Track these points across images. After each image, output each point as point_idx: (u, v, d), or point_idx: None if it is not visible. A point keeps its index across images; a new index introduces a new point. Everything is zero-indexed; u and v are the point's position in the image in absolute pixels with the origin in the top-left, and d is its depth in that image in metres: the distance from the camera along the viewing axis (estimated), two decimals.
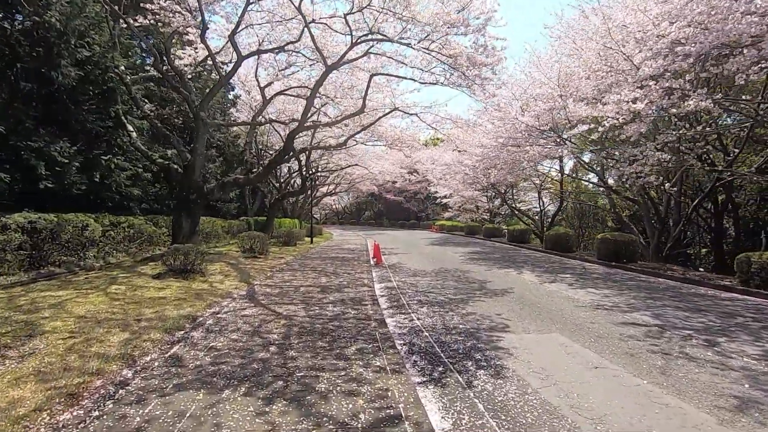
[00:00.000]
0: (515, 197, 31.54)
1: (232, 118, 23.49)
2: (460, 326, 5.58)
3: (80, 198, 11.58)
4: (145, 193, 15.46)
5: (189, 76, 11.97)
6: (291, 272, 9.94)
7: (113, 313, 5.20)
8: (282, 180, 31.95)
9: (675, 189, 13.06)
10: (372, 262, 13.06)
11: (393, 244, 21.75)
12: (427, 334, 5.17)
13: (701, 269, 17.88)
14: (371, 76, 10.19)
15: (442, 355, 4.40)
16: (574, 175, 24.91)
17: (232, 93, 25.21)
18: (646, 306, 6.98)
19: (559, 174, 25.58)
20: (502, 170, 18.13)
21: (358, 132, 12.36)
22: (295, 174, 28.10)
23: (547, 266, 12.66)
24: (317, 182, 38.51)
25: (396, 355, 4.21)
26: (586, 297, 7.74)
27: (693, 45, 7.17)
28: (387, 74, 10.17)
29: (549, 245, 17.49)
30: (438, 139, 48.86)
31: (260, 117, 13.11)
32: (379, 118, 12.12)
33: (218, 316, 5.56)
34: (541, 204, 28.40)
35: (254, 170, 12.29)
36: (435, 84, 10.63)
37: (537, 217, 30.76)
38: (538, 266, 12.61)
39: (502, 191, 28.20)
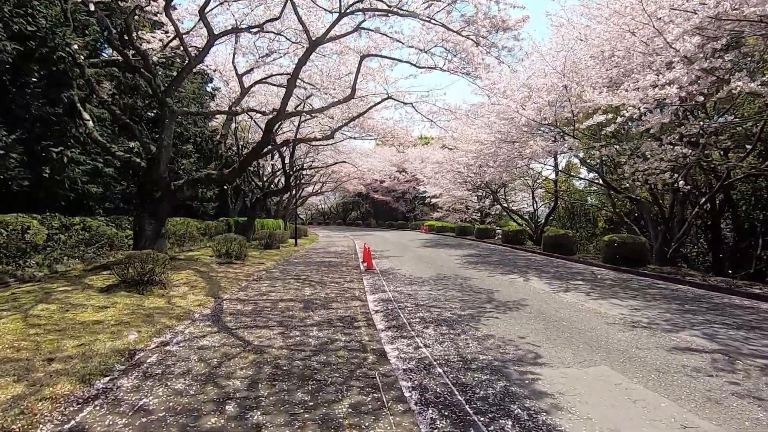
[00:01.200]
0: (507, 197, 30.69)
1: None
2: (481, 357, 4.41)
3: (23, 196, 10.02)
4: (109, 191, 13.89)
5: (155, 59, 10.51)
6: (270, 282, 8.62)
7: (19, 348, 3.85)
8: (266, 179, 30.44)
9: (688, 187, 12.18)
10: (362, 267, 11.83)
11: (383, 246, 20.53)
12: (441, 371, 3.97)
13: (719, 276, 17.11)
14: (362, 57, 8.97)
15: (467, 408, 3.21)
16: (570, 174, 24.11)
17: (210, 85, 23.61)
18: (689, 323, 5.93)
19: (553, 172, 24.88)
20: (498, 168, 17.12)
21: (347, 123, 11.11)
22: (279, 172, 26.63)
23: (552, 271, 11.64)
24: (302, 181, 37.05)
25: (406, 414, 2.99)
26: (612, 311, 6.67)
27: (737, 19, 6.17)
28: (380, 56, 8.99)
29: (548, 247, 16.56)
30: (428, 138, 47.94)
31: (237, 107, 11.73)
32: (371, 107, 10.90)
33: (167, 349, 4.24)
34: (534, 204, 27.60)
35: (232, 166, 10.94)
36: (434, 69, 9.48)
37: (530, 218, 30.04)
38: (544, 271, 11.58)
39: (494, 190, 27.27)
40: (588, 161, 18.01)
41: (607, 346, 4.84)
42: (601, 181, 15.87)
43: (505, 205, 27.74)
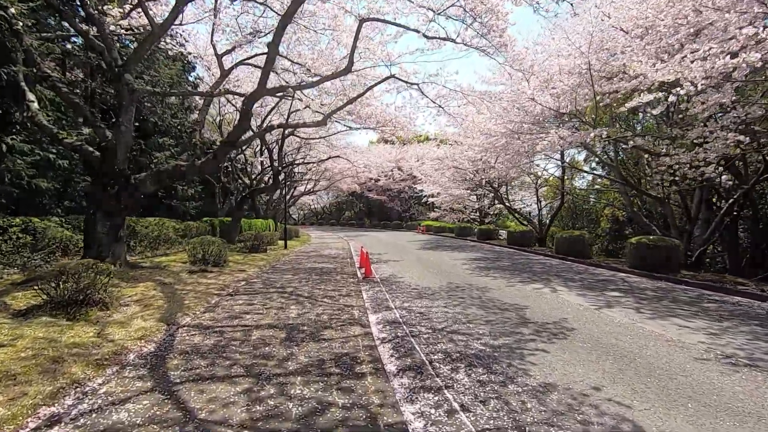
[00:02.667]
0: (508, 196, 29.24)
1: (194, 104, 20.20)
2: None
3: None
4: (70, 187, 12.14)
5: (113, 28, 8.81)
6: (248, 297, 6.99)
7: None
8: (255, 177, 28.67)
9: (730, 182, 10.78)
10: (359, 275, 10.25)
11: (380, 248, 18.95)
12: None
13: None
14: (361, 21, 7.39)
15: None
16: (583, 170, 22.72)
17: (193, 74, 21.83)
18: None
19: (558, 169, 23.52)
20: (506, 163, 15.64)
21: (343, 106, 9.53)
22: (269, 169, 24.93)
23: (577, 279, 10.16)
24: (294, 178, 35.28)
25: None
26: (686, 337, 5.18)
27: None
28: (382, 20, 7.43)
29: (561, 249, 15.13)
30: (426, 135, 46.49)
31: (217, 91, 10.07)
32: (371, 87, 9.31)
33: None
34: (538, 203, 26.21)
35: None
36: (445, 41, 7.93)
37: (534, 218, 28.67)
38: (567, 278, 10.10)
39: (498, 189, 25.80)
40: (604, 155, 16.62)
41: (727, 404, 3.32)
42: (610, 177, 14.43)
43: (508, 204, 26.29)
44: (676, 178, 12.12)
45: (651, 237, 11.43)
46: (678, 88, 6.90)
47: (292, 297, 7.04)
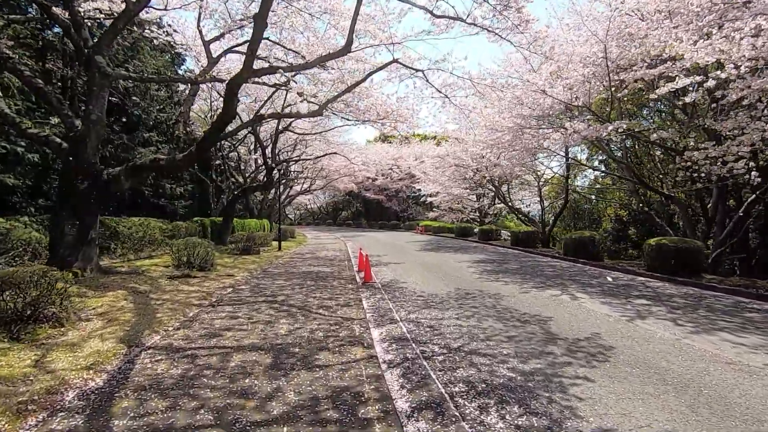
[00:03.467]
0: (510, 195, 28.45)
1: (183, 97, 19.24)
2: None
3: None
4: (45, 184, 11.21)
5: (83, 8, 7.90)
6: (232, 308, 6.12)
7: None
8: (248, 175, 27.74)
9: (760, 179, 10.03)
10: (358, 279, 9.40)
11: (379, 250, 18.11)
12: None
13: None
14: None
15: None
16: (594, 168, 21.99)
17: (183, 67, 20.91)
18: None
19: (562, 167, 22.76)
20: (511, 160, 14.84)
21: (342, 94, 8.64)
22: (264, 167, 24.00)
23: (595, 283, 9.38)
24: (290, 176, 34.34)
25: None
26: (748, 358, 4.38)
27: None
28: None
29: (570, 251, 14.36)
30: (424, 135, 45.73)
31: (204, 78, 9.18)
32: (371, 73, 8.43)
33: None
34: (541, 202, 25.42)
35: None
36: (454, 20, 7.10)
37: (537, 218, 27.91)
38: (583, 283, 9.31)
39: (501, 187, 25.01)
40: (615, 152, 15.87)
41: None
42: (620, 175, 13.67)
43: (510, 204, 25.51)
44: (695, 175, 11.40)
45: (672, 238, 10.66)
46: (718, 71, 6.11)
47: (283, 308, 6.18)
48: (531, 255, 16.14)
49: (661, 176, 15.40)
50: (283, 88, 9.57)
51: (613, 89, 10.66)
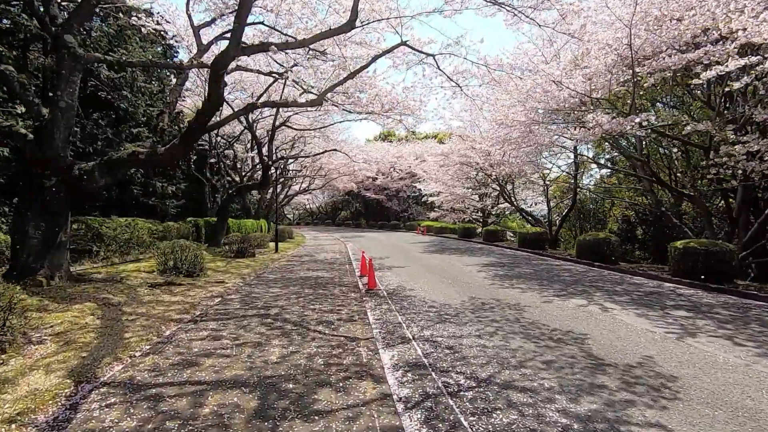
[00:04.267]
0: (515, 195, 27.60)
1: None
2: None
3: None
4: (17, 181, 10.32)
5: None
6: (217, 325, 5.26)
7: None
8: (245, 174, 26.86)
9: None
10: (360, 285, 8.55)
11: (380, 251, 17.27)
12: None
13: None
14: None
15: None
16: (612, 167, 21.18)
17: (176, 59, 20.00)
18: None
19: (568, 166, 21.94)
20: (522, 157, 14.01)
21: (343, 81, 7.75)
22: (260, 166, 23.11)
23: (620, 291, 8.55)
24: (288, 174, 33.45)
25: None
26: None
27: None
28: None
29: (584, 253, 13.54)
30: (424, 134, 44.90)
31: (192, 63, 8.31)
32: (376, 57, 7.54)
33: None
34: (548, 202, 24.60)
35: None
36: None
37: (540, 218, 27.08)
38: (610, 291, 8.48)
39: (504, 186, 24.17)
40: (631, 149, 15.03)
41: None
42: (635, 173, 12.85)
43: (515, 204, 24.67)
44: (724, 173, 10.59)
45: (700, 240, 9.83)
46: None
47: (277, 324, 5.31)
48: (541, 257, 15.31)
49: (678, 174, 14.58)
50: (279, 77, 8.69)
51: (636, 79, 9.83)
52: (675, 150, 14.43)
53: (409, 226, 40.61)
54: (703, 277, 9.19)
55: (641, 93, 12.48)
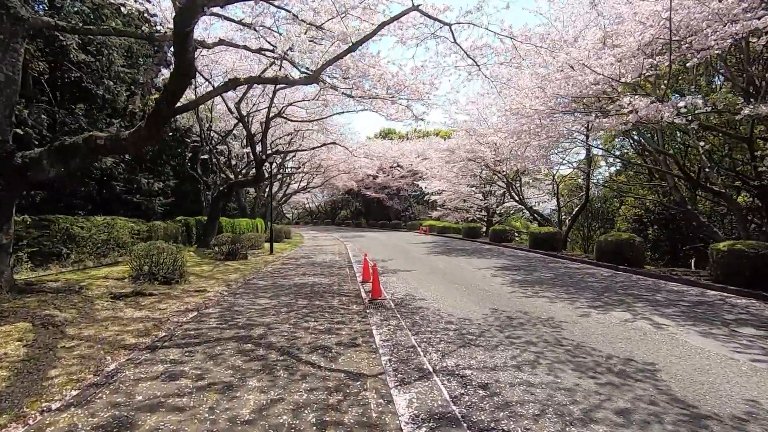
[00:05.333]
0: (522, 193, 26.44)
1: (161, 78, 17.18)
2: None
3: None
4: None
5: None
6: (180, 354, 4.10)
7: None
8: (240, 170, 25.68)
9: None
10: (363, 294, 7.40)
11: (382, 252, 16.12)
12: None
13: None
14: None
15: None
16: (631, 162, 20.08)
17: (170, 52, 18.80)
18: None
19: (581, 160, 20.80)
20: (539, 150, 12.85)
21: (344, 54, 6.52)
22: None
23: (663, 301, 7.41)
24: (286, 170, 32.25)
25: None
26: None
27: None
28: None
29: (605, 256, 12.40)
30: (423, 132, 43.75)
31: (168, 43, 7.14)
32: (384, 24, 6.34)
33: None
34: (558, 200, 23.45)
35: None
36: None
37: (549, 216, 25.97)
38: (651, 301, 7.34)
39: (512, 184, 23.00)
40: (653, 142, 13.88)
41: None
42: (655, 168, 11.70)
43: (523, 202, 23.52)
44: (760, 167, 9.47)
45: (750, 242, 8.67)
46: None
47: (258, 352, 4.15)
48: (557, 260, 14.17)
49: (706, 169, 13.44)
50: (271, 53, 7.51)
51: (675, 59, 8.69)
52: (702, 144, 13.27)
53: (410, 225, 39.47)
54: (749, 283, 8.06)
55: (668, 80, 11.36)
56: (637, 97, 7.84)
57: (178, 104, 5.65)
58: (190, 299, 6.58)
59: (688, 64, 8.06)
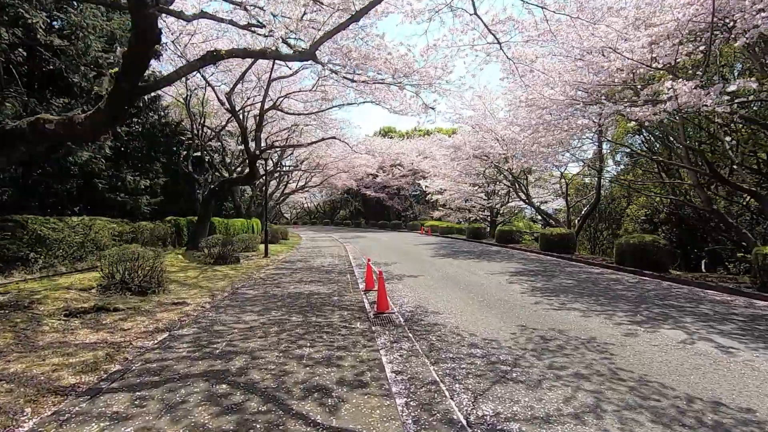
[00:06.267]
0: (529, 192, 25.42)
1: (156, 71, 16.11)
2: None
3: None
4: None
5: None
6: (126, 403, 3.10)
7: None
8: (234, 169, 24.64)
9: None
10: (367, 305, 6.39)
11: (385, 255, 15.14)
12: None
13: None
14: None
15: None
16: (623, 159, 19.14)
17: (164, 52, 17.73)
18: None
19: (584, 161, 19.83)
20: (555, 145, 11.88)
21: (343, 26, 5.52)
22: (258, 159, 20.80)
23: (710, 313, 6.46)
24: (283, 167, 31.20)
25: None
26: None
27: None
28: None
29: (625, 259, 11.44)
30: (423, 130, 42.77)
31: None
32: None
33: None
34: (566, 200, 22.47)
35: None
36: None
37: (557, 216, 24.99)
38: (699, 314, 6.37)
39: (514, 181, 22.01)
40: (673, 139, 12.92)
41: None
42: (682, 165, 10.79)
43: (530, 202, 22.54)
44: None
45: None
46: None
47: (235, 398, 3.15)
48: (572, 263, 13.20)
49: (735, 166, 12.50)
50: (260, 31, 6.51)
51: (714, 41, 7.73)
52: (728, 139, 12.31)
53: (411, 225, 38.47)
54: None
55: (709, 64, 10.38)
56: (681, 80, 6.85)
57: (144, 83, 4.65)
58: (164, 315, 5.56)
59: (736, 44, 7.06)
